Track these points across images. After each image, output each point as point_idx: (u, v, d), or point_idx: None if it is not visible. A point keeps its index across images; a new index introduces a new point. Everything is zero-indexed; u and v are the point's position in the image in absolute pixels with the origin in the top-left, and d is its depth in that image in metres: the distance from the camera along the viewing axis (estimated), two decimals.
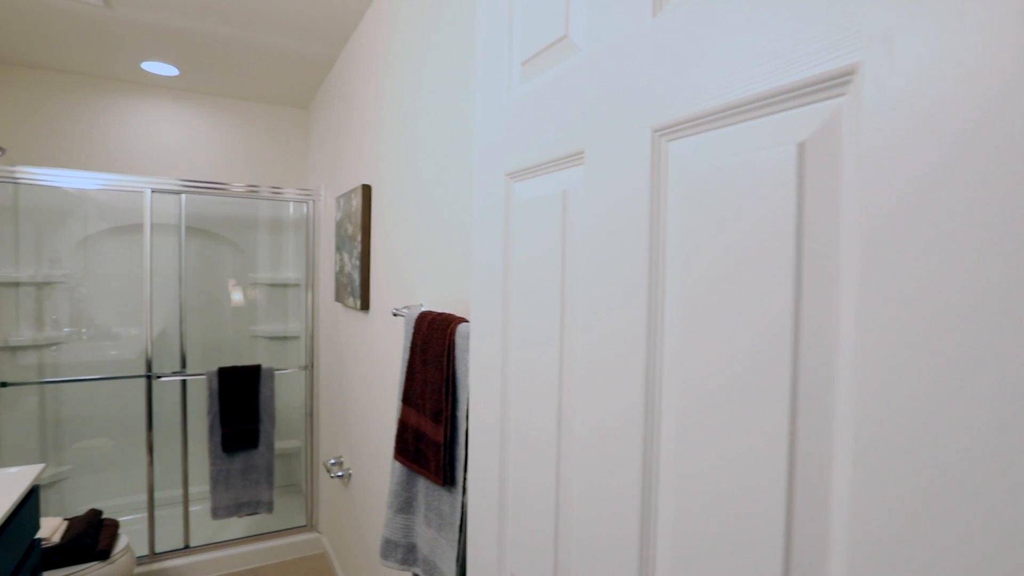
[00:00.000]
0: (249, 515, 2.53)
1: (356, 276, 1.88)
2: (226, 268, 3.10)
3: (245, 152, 3.11)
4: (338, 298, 2.19)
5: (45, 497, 2.72)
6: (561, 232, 0.57)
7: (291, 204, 3.23)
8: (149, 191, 2.33)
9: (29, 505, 1.41)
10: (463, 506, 0.99)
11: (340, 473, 2.18)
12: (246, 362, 3.16)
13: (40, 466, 1.47)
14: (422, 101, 1.40)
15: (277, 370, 2.56)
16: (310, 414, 2.68)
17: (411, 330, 1.20)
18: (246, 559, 2.59)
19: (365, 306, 1.83)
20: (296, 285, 3.23)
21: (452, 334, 1.02)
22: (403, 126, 1.54)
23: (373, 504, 1.83)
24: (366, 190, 1.83)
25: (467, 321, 1.03)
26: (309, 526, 2.73)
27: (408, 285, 1.50)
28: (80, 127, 2.77)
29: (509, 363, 0.67)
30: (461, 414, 1.00)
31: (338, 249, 2.19)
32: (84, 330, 2.82)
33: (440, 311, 1.15)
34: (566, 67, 0.57)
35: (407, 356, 1.20)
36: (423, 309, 1.27)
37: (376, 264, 1.77)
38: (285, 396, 3.20)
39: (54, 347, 2.77)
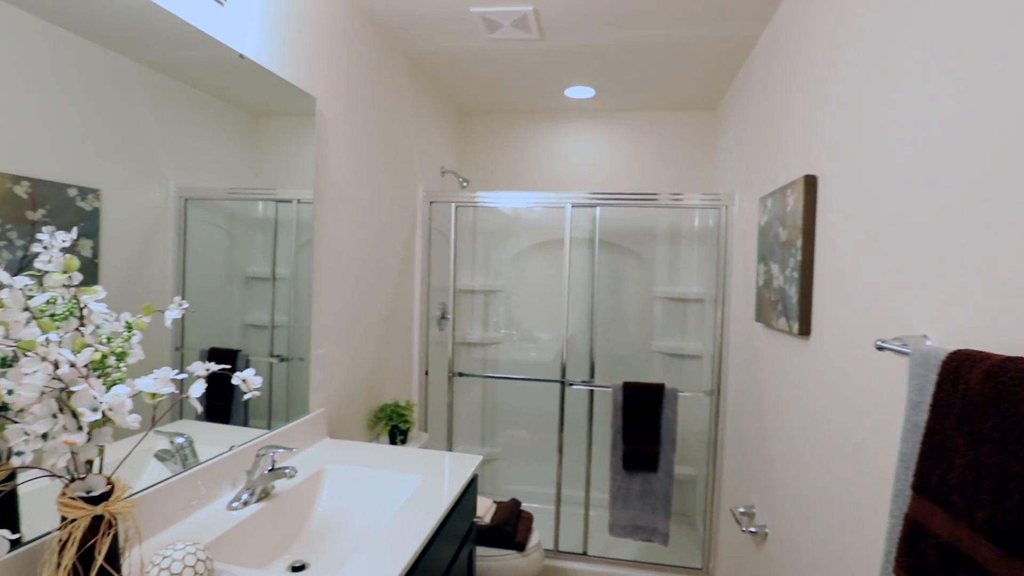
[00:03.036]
0: (644, 540, 2.40)
1: (791, 291, 1.49)
2: (630, 280, 3.11)
3: (652, 162, 3.07)
4: (760, 318, 1.83)
5: (481, 473, 3.22)
6: None
7: (696, 214, 3.03)
8: (570, 206, 2.46)
9: (471, 489, 1.54)
10: None
11: (752, 529, 1.81)
12: (644, 377, 3.10)
13: (479, 458, 1.60)
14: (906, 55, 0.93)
15: (681, 392, 2.36)
16: (713, 445, 2.39)
17: (931, 377, 0.76)
18: None
19: (804, 330, 1.42)
20: (699, 300, 3.00)
21: None
22: (869, 93, 1.09)
23: None
24: (809, 183, 1.42)
25: None
26: (705, 572, 2.43)
27: (884, 306, 1.03)
28: (515, 156, 3.20)
29: None
30: None
31: (761, 259, 1.84)
32: (514, 333, 3.24)
33: (1006, 354, 0.68)
34: None
35: (925, 418, 0.77)
36: (932, 346, 0.81)
37: (824, 277, 1.35)
38: (683, 419, 3.00)
39: (493, 346, 3.27)
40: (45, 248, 0.84)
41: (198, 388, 0.91)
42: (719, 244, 2.38)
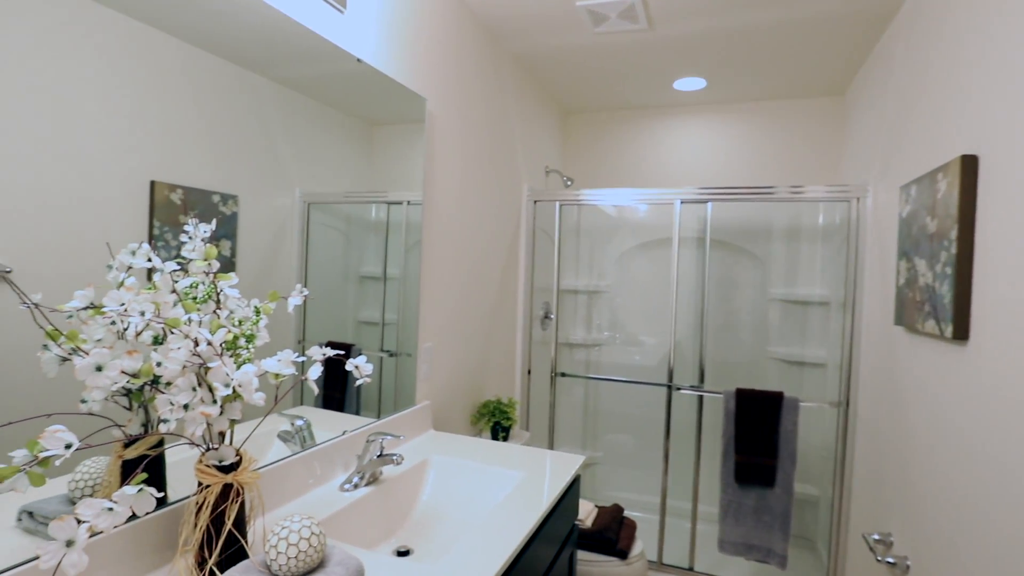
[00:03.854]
0: (758, 561, 2.22)
1: (943, 290, 1.31)
2: (744, 282, 2.92)
3: (768, 155, 2.86)
4: (900, 321, 1.62)
5: (581, 476, 3.16)
6: None
7: (819, 209, 2.77)
8: (679, 202, 2.35)
9: (573, 490, 1.51)
10: None
11: (890, 559, 1.60)
12: (758, 385, 2.89)
13: (581, 458, 1.56)
14: None
15: (802, 402, 2.16)
16: (840, 463, 2.16)
17: None
18: None
19: (960, 334, 1.24)
20: (822, 303, 2.74)
21: None
22: None
23: None
24: (967, 165, 1.24)
25: None
26: None
27: None
28: (621, 154, 3.12)
29: None
30: None
31: (903, 255, 1.63)
32: (618, 335, 3.15)
33: None
34: None
35: None
36: None
37: (986, 271, 1.16)
38: (804, 432, 2.75)
39: (596, 348, 3.20)
40: (190, 238, 0.93)
41: (315, 371, 0.96)
42: (849, 240, 2.15)
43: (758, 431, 2.17)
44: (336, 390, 1.40)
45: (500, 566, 0.97)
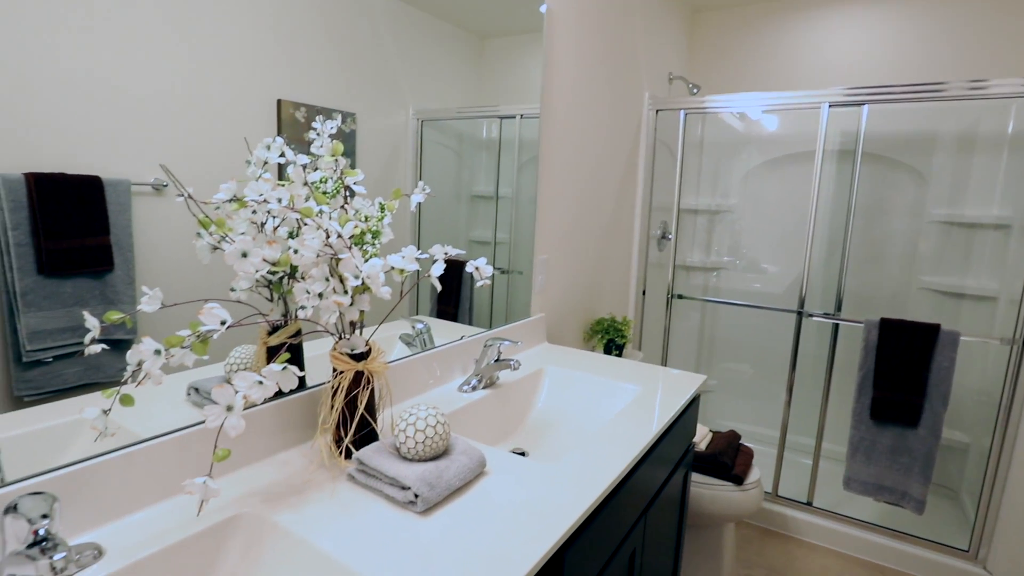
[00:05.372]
0: (889, 504, 2.06)
1: None
2: (898, 200, 2.55)
3: (941, 48, 2.39)
4: None
5: None
6: None
7: (1012, 113, 2.31)
8: (826, 106, 2.05)
9: (691, 410, 1.45)
10: None
11: None
12: (905, 317, 2.58)
13: (703, 377, 1.49)
14: None
15: (963, 337, 1.89)
16: (1007, 408, 1.90)
17: None
18: (873, 551, 2.15)
19: None
20: (998, 226, 2.34)
21: None
22: None
23: None
24: None
25: None
26: (971, 554, 2.01)
27: None
28: (754, 55, 2.77)
29: None
30: None
31: None
32: (740, 260, 2.93)
33: None
34: None
35: None
36: None
37: None
38: (959, 372, 2.44)
39: (715, 272, 3.01)
40: (317, 135, 0.94)
41: (438, 268, 0.95)
42: None
43: (904, 366, 1.94)
44: (449, 304, 1.42)
45: (615, 476, 0.95)
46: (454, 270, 1.41)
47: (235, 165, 0.90)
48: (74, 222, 0.72)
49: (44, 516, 0.58)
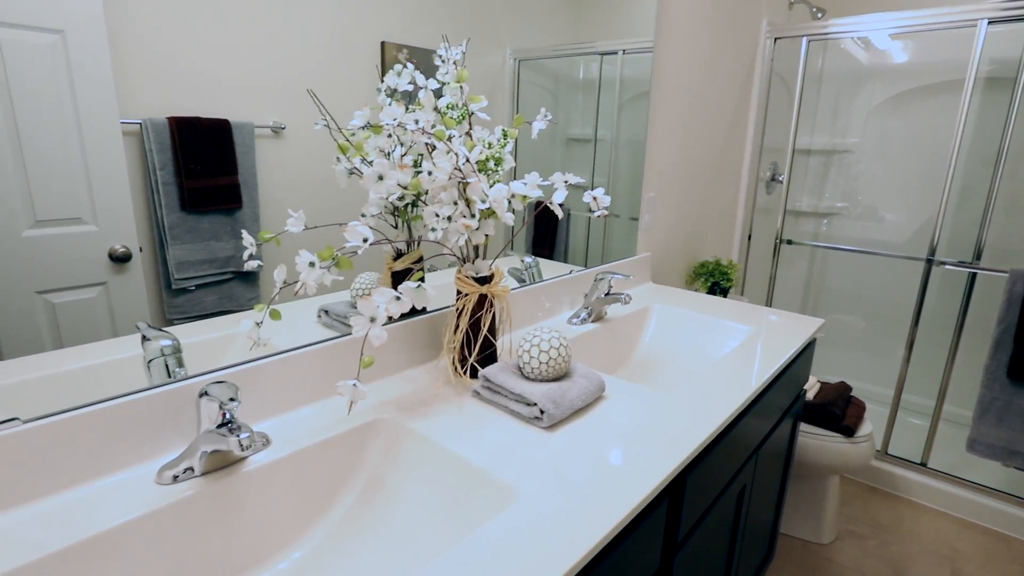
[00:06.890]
0: (1019, 469, 1.89)
1: None
2: None
3: None
4: None
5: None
6: None
7: None
8: (984, 23, 1.79)
9: (805, 355, 1.39)
10: None
11: None
12: None
13: (820, 321, 1.41)
14: None
15: None
16: None
17: None
18: (998, 519, 2.00)
19: None
20: None
21: None
22: None
23: None
24: None
25: None
26: None
27: None
28: None
29: None
30: None
31: None
32: (854, 206, 2.70)
33: None
34: None
35: None
36: None
37: None
38: None
39: (828, 218, 2.80)
40: (443, 61, 0.95)
41: (560, 195, 0.95)
42: None
43: None
44: (544, 247, 1.42)
45: (732, 411, 0.93)
46: (549, 211, 1.40)
47: (347, 106, 0.92)
48: (208, 163, 0.77)
49: (232, 399, 0.66)
